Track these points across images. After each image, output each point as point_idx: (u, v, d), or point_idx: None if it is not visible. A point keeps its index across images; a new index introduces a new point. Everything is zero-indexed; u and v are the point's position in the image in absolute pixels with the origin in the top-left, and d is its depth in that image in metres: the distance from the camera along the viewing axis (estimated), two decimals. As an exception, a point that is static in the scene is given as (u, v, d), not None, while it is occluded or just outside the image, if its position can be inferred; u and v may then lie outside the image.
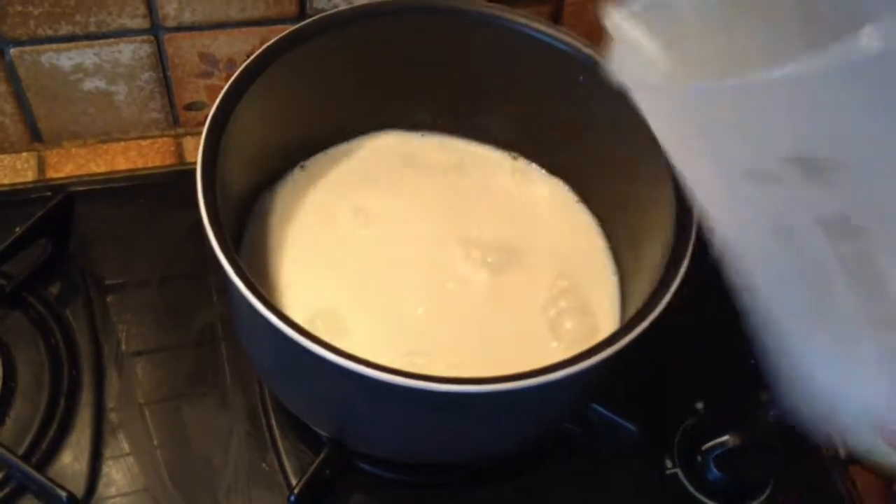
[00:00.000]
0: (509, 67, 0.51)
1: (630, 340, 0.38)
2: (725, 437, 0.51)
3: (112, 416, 0.51)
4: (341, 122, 0.55)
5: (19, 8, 0.54)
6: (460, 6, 0.50)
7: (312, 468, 0.47)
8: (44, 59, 0.57)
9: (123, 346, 0.55)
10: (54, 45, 0.57)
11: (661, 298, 0.39)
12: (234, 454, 0.51)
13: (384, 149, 0.56)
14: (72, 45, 0.57)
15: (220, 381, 0.54)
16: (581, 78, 0.48)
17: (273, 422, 0.52)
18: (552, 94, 0.51)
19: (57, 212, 0.55)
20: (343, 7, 0.53)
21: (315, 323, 0.47)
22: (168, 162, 0.63)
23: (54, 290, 0.55)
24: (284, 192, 0.53)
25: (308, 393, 0.45)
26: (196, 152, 0.63)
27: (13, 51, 0.56)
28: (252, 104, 0.45)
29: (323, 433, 0.48)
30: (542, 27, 0.49)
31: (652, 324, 0.39)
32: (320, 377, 0.40)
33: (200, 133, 0.64)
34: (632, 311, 0.42)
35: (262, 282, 0.49)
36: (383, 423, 0.43)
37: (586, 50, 0.48)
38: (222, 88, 0.44)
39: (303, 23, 0.47)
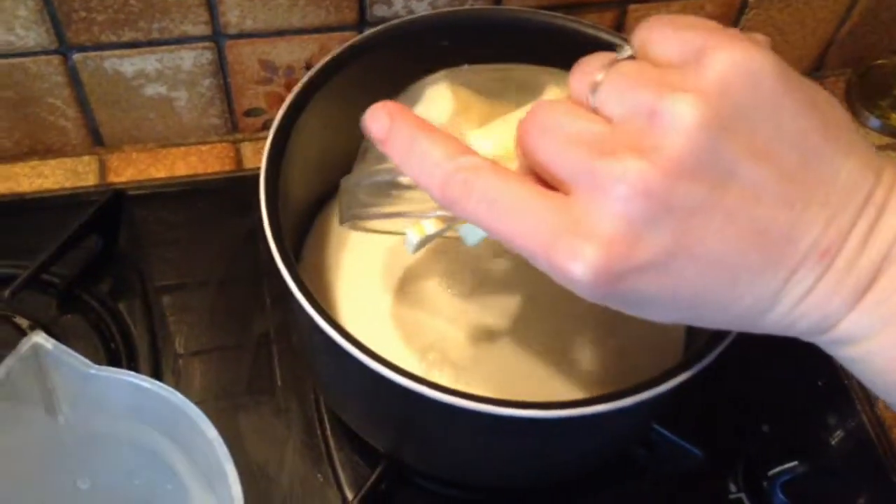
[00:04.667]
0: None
1: (702, 367, 0.37)
2: (794, 463, 0.49)
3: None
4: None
5: (83, 14, 0.54)
6: (521, 15, 0.49)
7: (368, 484, 0.46)
8: (106, 64, 0.58)
9: (179, 347, 0.55)
10: (117, 51, 0.57)
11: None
12: (288, 464, 0.51)
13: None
14: (134, 51, 0.57)
15: (276, 389, 0.53)
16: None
17: (328, 433, 0.52)
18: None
19: (105, 210, 0.56)
20: (404, 16, 0.53)
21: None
22: (227, 168, 0.63)
23: (105, 286, 0.56)
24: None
25: (367, 410, 0.45)
26: (254, 158, 0.64)
27: (76, 56, 0.57)
28: (314, 115, 0.44)
29: (380, 447, 0.47)
30: (604, 33, 0.48)
31: (723, 352, 0.38)
32: (381, 395, 0.39)
33: (259, 139, 0.64)
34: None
35: (320, 292, 0.48)
36: (443, 444, 0.42)
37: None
38: (281, 95, 0.44)
39: (366, 33, 0.46)
